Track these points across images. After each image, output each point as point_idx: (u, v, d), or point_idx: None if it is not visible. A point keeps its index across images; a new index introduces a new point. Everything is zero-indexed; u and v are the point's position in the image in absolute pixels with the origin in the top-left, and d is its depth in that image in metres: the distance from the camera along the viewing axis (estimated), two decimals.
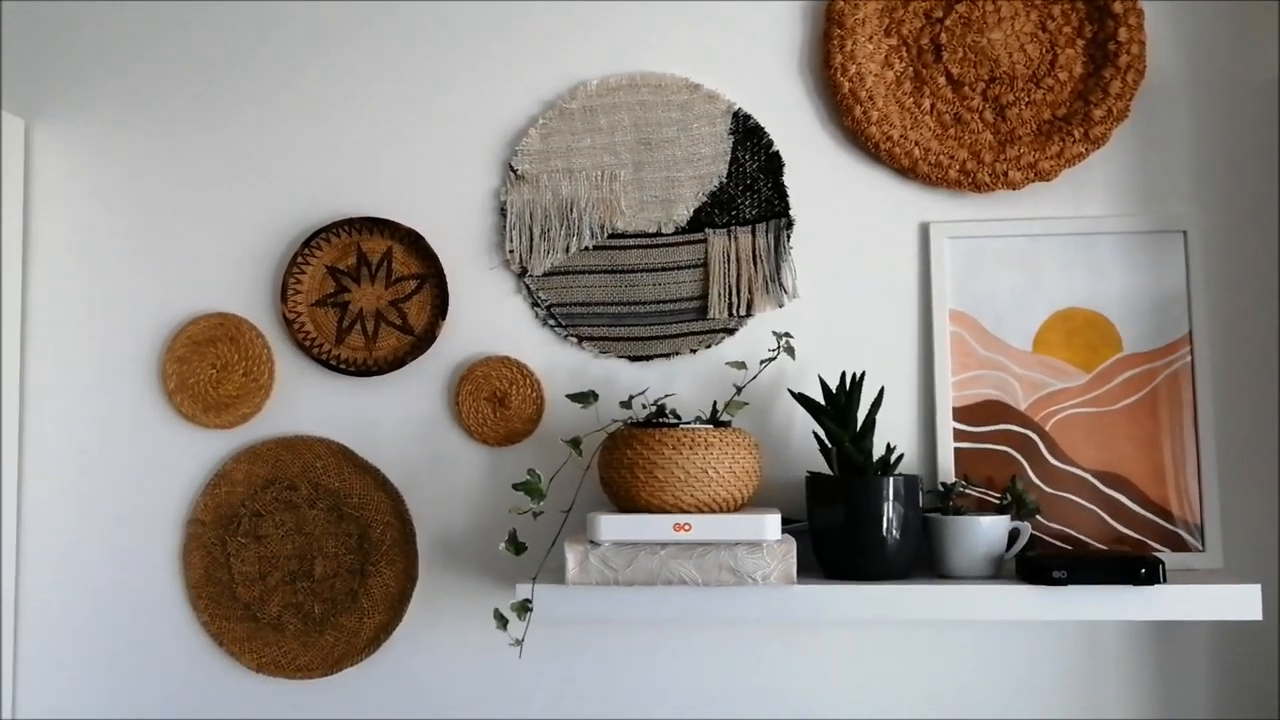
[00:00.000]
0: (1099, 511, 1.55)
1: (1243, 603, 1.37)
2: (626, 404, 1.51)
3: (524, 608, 1.38)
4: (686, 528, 1.39)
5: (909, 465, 1.59)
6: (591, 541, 1.41)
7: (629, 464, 1.43)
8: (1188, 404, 1.56)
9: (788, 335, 1.53)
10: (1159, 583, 1.36)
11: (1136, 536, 1.54)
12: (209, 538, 1.67)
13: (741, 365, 1.51)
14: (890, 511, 1.44)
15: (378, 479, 1.65)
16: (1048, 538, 1.55)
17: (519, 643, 1.39)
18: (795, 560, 1.39)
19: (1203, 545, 1.53)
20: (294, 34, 1.71)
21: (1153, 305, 1.57)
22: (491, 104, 1.68)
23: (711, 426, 1.45)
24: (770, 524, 1.39)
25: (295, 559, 1.66)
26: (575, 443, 1.45)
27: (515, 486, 1.42)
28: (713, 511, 1.43)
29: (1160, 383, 1.57)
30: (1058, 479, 1.56)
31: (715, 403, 1.52)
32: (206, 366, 1.68)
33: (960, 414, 1.59)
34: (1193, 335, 1.56)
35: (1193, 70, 1.59)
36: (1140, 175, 1.59)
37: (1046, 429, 1.57)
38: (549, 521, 1.51)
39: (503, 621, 1.40)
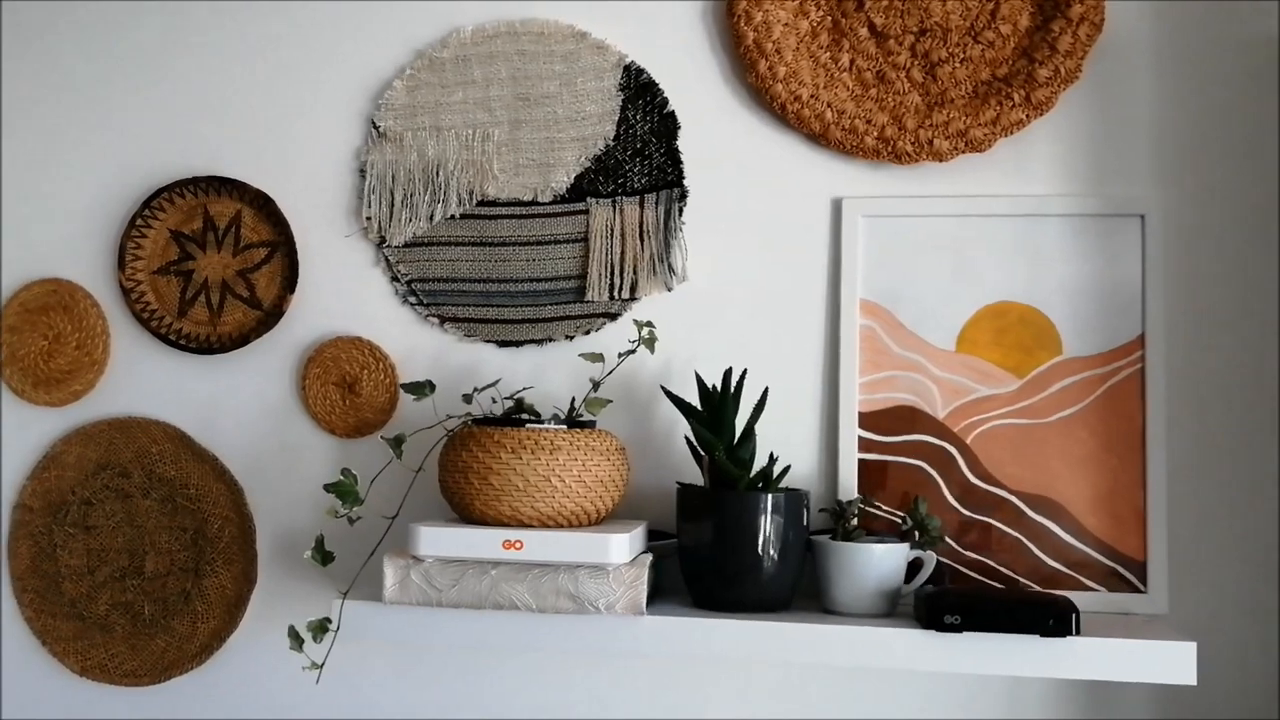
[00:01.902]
0: (1024, 541, 1.33)
1: (1175, 663, 1.15)
2: (469, 397, 1.31)
3: (321, 628, 1.20)
4: (517, 545, 1.20)
5: (808, 477, 1.38)
6: (414, 556, 1.22)
7: (463, 468, 1.24)
8: (1136, 418, 1.33)
9: (649, 325, 1.32)
10: (1070, 634, 1.14)
11: (1067, 572, 1.32)
12: (36, 525, 1.52)
13: (599, 358, 1.31)
14: (766, 532, 1.23)
15: (216, 469, 1.48)
16: (964, 569, 1.33)
17: (318, 666, 1.21)
18: (646, 587, 1.20)
19: (1145, 586, 1.30)
20: None
21: (1101, 302, 1.34)
22: (357, 51, 1.48)
23: (564, 427, 1.26)
24: (616, 545, 1.19)
25: (126, 554, 1.49)
26: (397, 441, 1.26)
27: (326, 488, 1.23)
28: (559, 526, 1.24)
29: (1105, 392, 1.33)
30: (978, 500, 1.34)
31: (574, 399, 1.32)
32: (38, 338, 1.52)
33: (868, 420, 1.37)
34: (1146, 338, 1.33)
35: (1158, 25, 1.34)
36: (1092, 148, 1.35)
37: (967, 441, 1.35)
38: (377, 527, 1.32)
39: (298, 642, 1.21)
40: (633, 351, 1.31)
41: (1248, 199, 1.32)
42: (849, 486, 1.36)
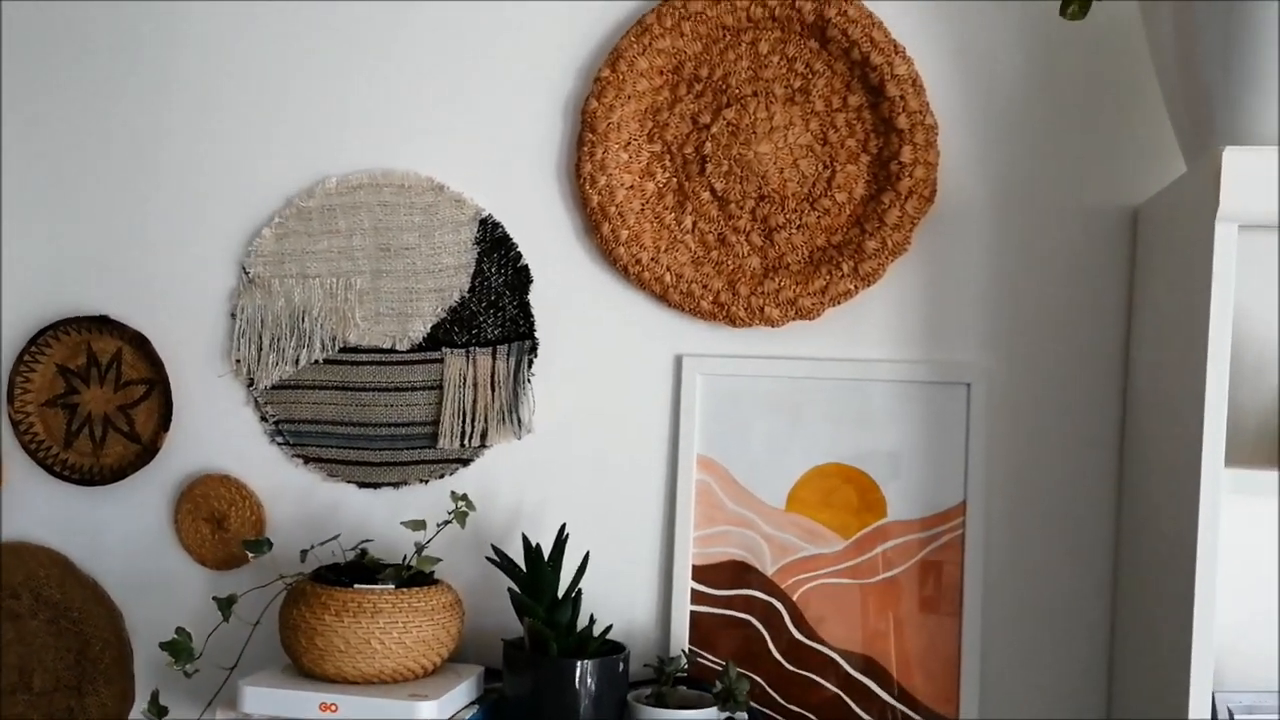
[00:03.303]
0: (844, 697, 1.37)
1: None
2: (305, 554, 1.38)
3: None
4: (333, 708, 1.27)
5: (645, 625, 1.43)
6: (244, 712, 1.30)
7: (293, 626, 1.31)
8: (955, 583, 1.36)
9: (464, 499, 1.38)
10: None
11: None
12: None
13: (421, 525, 1.37)
14: (579, 695, 1.28)
15: (98, 594, 1.56)
16: None
17: None
18: None
19: None
20: (23, 115, 1.59)
21: (926, 467, 1.37)
22: (232, 197, 1.54)
23: (391, 587, 1.32)
24: (425, 710, 1.26)
25: (16, 670, 1.58)
26: (228, 602, 1.33)
27: (162, 646, 1.31)
28: (382, 683, 1.31)
29: (925, 556, 1.37)
30: (802, 656, 1.39)
31: (405, 557, 1.39)
32: None
33: (701, 574, 1.42)
34: (967, 505, 1.36)
35: (988, 199, 1.37)
36: (920, 316, 1.39)
37: (794, 598, 1.40)
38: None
39: None
40: (449, 522, 1.37)
41: (1071, 370, 1.35)
42: (681, 638, 1.41)
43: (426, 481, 1.49)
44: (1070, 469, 1.35)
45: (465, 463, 1.48)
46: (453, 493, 1.39)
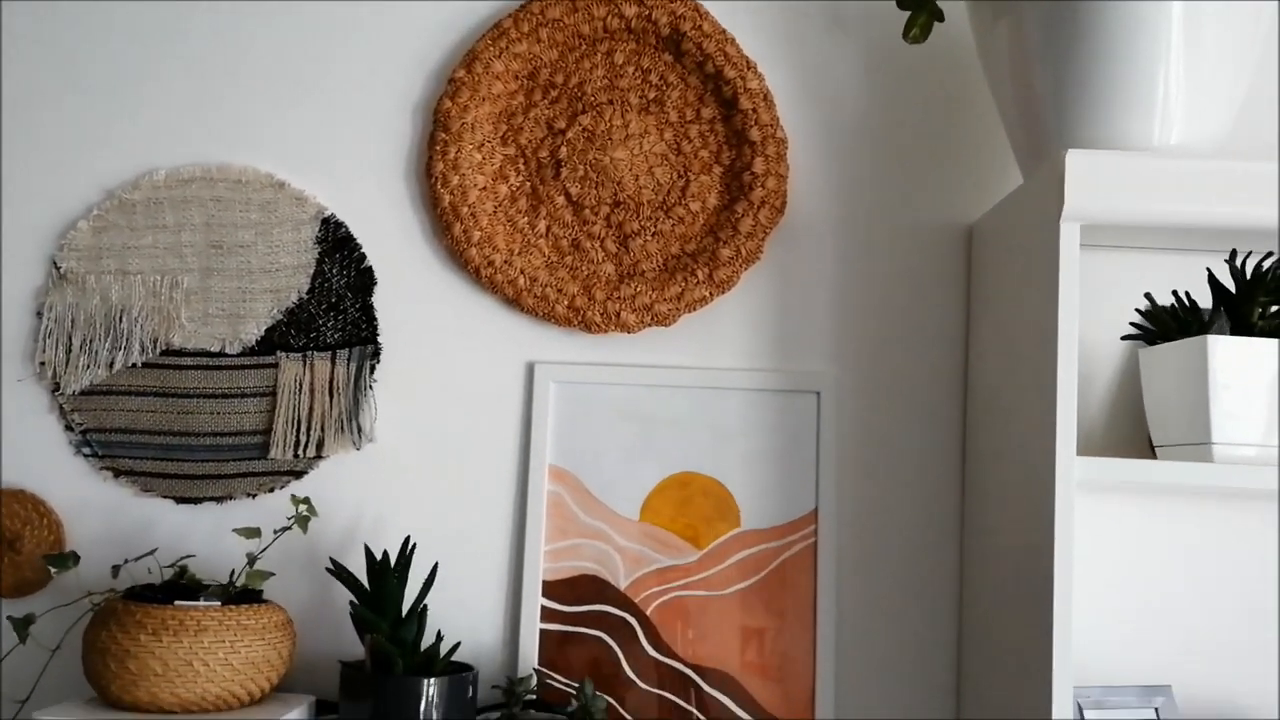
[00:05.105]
0: (698, 715, 1.34)
1: None
2: (117, 570, 1.25)
3: None
4: None
5: (491, 646, 1.36)
6: None
7: (101, 649, 1.17)
8: (809, 592, 1.35)
9: (306, 502, 1.29)
10: None
11: None
12: None
13: (256, 533, 1.27)
14: (425, 717, 1.20)
15: None
16: None
17: None
18: None
19: None
20: None
21: (779, 475, 1.37)
22: (44, 187, 1.42)
23: (217, 604, 1.20)
24: None
25: None
26: (25, 622, 1.19)
27: None
28: (204, 711, 1.18)
29: (779, 565, 1.36)
30: (655, 673, 1.34)
31: (233, 572, 1.28)
32: None
33: (552, 589, 1.36)
34: (819, 513, 1.37)
35: (836, 211, 1.40)
36: (772, 326, 1.40)
37: (647, 613, 1.36)
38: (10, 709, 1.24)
39: None
40: (288, 528, 1.27)
41: (915, 379, 1.38)
42: (530, 657, 1.34)
43: (254, 495, 1.38)
44: (916, 475, 1.37)
45: (298, 475, 1.38)
46: (293, 496, 1.29)
